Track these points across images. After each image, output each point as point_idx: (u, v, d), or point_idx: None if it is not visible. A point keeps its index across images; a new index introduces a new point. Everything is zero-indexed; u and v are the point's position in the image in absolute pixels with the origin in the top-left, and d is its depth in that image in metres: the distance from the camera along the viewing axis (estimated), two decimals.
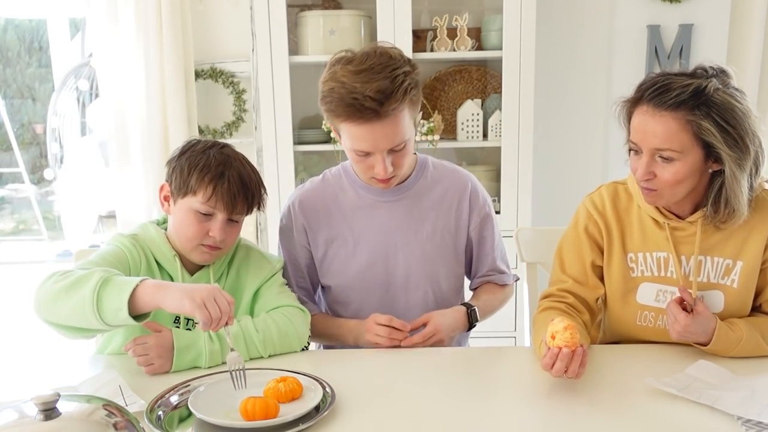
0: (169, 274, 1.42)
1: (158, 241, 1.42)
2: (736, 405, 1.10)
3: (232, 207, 1.36)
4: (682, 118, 1.22)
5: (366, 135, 1.36)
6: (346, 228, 1.56)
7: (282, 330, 1.39)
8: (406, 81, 1.34)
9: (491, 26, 2.61)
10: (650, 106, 1.25)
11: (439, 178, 1.59)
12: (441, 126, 2.62)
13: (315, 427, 1.08)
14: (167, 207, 1.42)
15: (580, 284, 1.44)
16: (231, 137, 2.87)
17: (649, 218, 1.40)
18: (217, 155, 1.37)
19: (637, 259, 1.40)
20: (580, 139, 2.93)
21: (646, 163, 1.27)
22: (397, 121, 1.36)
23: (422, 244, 1.55)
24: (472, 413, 1.14)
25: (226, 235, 1.38)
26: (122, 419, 0.87)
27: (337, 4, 2.75)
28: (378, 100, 1.31)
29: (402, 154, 1.42)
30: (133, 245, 1.39)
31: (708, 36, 2.74)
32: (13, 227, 3.28)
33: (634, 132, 1.29)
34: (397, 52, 1.39)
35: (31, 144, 3.18)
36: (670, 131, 1.23)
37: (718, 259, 1.36)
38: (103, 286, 1.18)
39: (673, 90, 1.23)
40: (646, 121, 1.26)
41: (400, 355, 1.42)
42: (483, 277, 1.65)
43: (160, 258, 1.42)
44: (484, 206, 1.61)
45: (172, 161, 1.41)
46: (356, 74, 1.33)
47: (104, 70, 2.74)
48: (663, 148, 1.25)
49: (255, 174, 1.42)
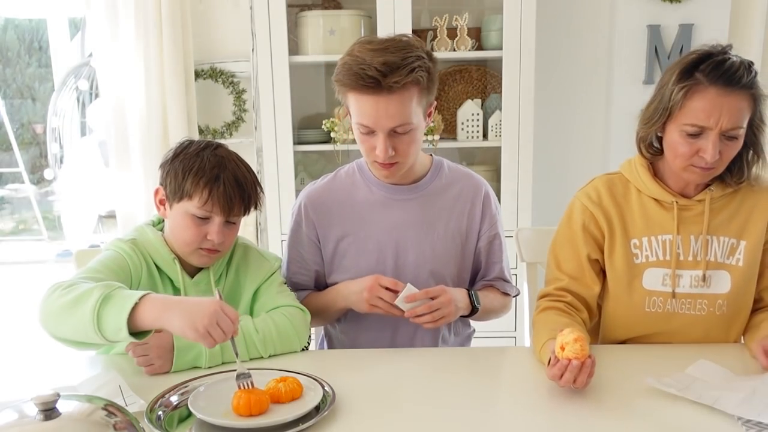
0: (169, 277, 1.42)
1: (156, 244, 1.41)
2: (737, 405, 1.10)
3: (229, 209, 1.36)
4: (748, 96, 1.27)
5: (369, 108, 1.36)
6: (357, 224, 1.55)
7: (282, 330, 1.39)
8: (416, 63, 1.35)
9: (491, 26, 2.61)
10: (720, 86, 1.26)
11: (453, 180, 1.59)
12: (441, 126, 2.62)
13: (315, 427, 1.08)
14: (163, 211, 1.41)
15: (576, 281, 1.44)
16: (231, 137, 2.87)
17: (651, 201, 1.41)
18: (210, 157, 1.36)
19: (641, 244, 1.41)
20: (580, 139, 2.94)
21: (715, 143, 1.27)
22: (401, 100, 1.35)
23: (433, 245, 1.54)
24: (473, 413, 1.14)
25: (225, 238, 1.38)
26: (122, 419, 0.87)
27: (337, 4, 2.75)
28: (382, 72, 1.32)
29: (406, 140, 1.41)
30: (132, 251, 1.38)
31: (708, 36, 2.72)
32: (13, 227, 3.28)
33: (700, 115, 1.27)
34: (419, 43, 1.41)
35: (31, 144, 3.18)
36: (742, 110, 1.27)
37: (724, 238, 1.38)
38: (103, 303, 1.15)
39: (735, 69, 1.26)
40: (720, 101, 1.26)
41: (400, 355, 1.42)
42: (487, 281, 1.63)
43: (160, 262, 1.41)
44: (496, 214, 1.61)
45: (165, 164, 1.40)
46: (371, 50, 1.35)
47: (104, 70, 2.74)
48: (735, 127, 1.27)
49: (250, 174, 1.41)
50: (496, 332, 1.95)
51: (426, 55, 1.39)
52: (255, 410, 1.10)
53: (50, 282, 1.25)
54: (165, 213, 1.41)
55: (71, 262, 1.64)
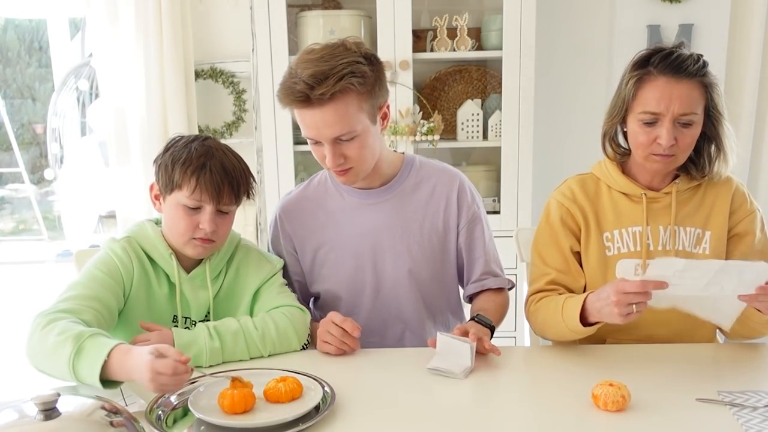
0: (165, 272, 1.42)
1: (154, 239, 1.41)
2: None
3: (218, 197, 1.36)
4: (699, 83, 1.35)
5: (308, 121, 1.38)
6: (332, 233, 1.55)
7: (281, 329, 1.39)
8: (347, 69, 1.33)
9: (491, 26, 2.61)
10: (667, 75, 1.35)
11: (426, 176, 1.56)
12: (441, 126, 2.62)
13: (315, 427, 1.08)
14: (158, 206, 1.42)
15: (563, 273, 1.48)
16: (231, 137, 2.87)
17: (621, 196, 1.48)
18: (198, 147, 1.37)
19: (613, 237, 1.47)
20: (580, 138, 2.93)
21: (669, 129, 1.35)
22: (336, 109, 1.35)
23: (408, 245, 1.53)
24: (473, 413, 1.14)
25: (217, 227, 1.38)
26: (122, 419, 0.87)
27: (337, 4, 2.75)
28: (309, 84, 1.32)
29: (354, 146, 1.40)
30: (124, 251, 1.38)
31: (708, 36, 2.74)
32: (13, 227, 3.28)
33: (652, 102, 1.36)
34: (357, 46, 1.39)
35: (31, 144, 3.18)
36: (693, 97, 1.35)
37: (690, 228, 1.46)
38: (76, 357, 1.16)
39: (685, 59, 1.35)
40: (670, 89, 1.34)
41: (400, 355, 1.42)
42: (477, 282, 1.59)
43: (156, 257, 1.41)
44: (473, 204, 1.58)
45: (157, 159, 1.41)
46: (304, 62, 1.35)
47: (104, 70, 2.74)
48: (687, 113, 1.34)
49: (240, 162, 1.42)
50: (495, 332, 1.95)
51: (364, 58, 1.37)
52: (239, 408, 1.10)
53: (48, 283, 1.26)
54: (160, 207, 1.42)
55: (71, 262, 1.64)
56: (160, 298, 1.42)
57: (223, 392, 1.12)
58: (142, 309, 1.40)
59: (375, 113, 1.42)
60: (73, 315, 1.25)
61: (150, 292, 1.41)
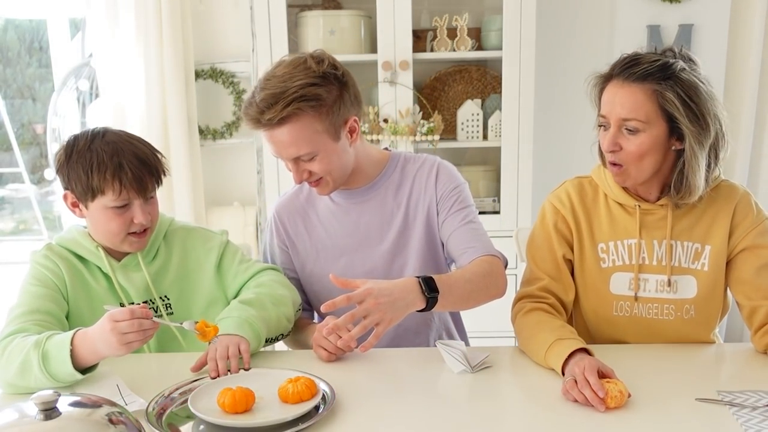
0: (97, 265, 1.43)
1: (79, 238, 1.42)
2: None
3: (144, 189, 1.36)
4: (648, 89, 1.28)
5: (268, 141, 1.41)
6: (323, 232, 1.57)
7: (273, 292, 1.44)
8: (298, 93, 1.32)
9: (491, 26, 2.61)
10: (619, 79, 1.31)
11: (408, 171, 1.56)
12: (441, 126, 2.62)
13: (315, 427, 1.08)
14: (79, 212, 1.41)
15: (555, 281, 1.45)
16: (231, 137, 2.88)
17: (617, 206, 1.43)
18: (104, 147, 1.34)
19: (608, 248, 1.43)
20: (579, 139, 2.93)
21: (612, 134, 1.31)
22: (291, 131, 1.35)
23: (394, 240, 1.53)
24: (473, 413, 1.14)
25: (150, 214, 1.39)
26: (122, 419, 0.87)
27: (337, 4, 2.75)
28: (260, 108, 1.34)
29: (315, 165, 1.40)
30: (46, 258, 1.40)
31: (708, 36, 2.74)
32: (13, 227, 3.28)
33: (603, 105, 1.34)
34: (319, 64, 1.36)
35: (31, 144, 3.18)
36: (637, 101, 1.28)
37: (688, 243, 1.39)
38: (45, 363, 1.19)
39: (641, 64, 1.29)
40: (615, 92, 1.31)
41: (400, 355, 1.42)
42: (460, 256, 1.47)
43: (84, 253, 1.42)
44: (448, 183, 1.51)
45: (62, 168, 1.37)
46: (266, 80, 1.36)
47: (104, 70, 2.74)
48: (629, 118, 1.29)
49: (146, 146, 1.40)
50: (496, 332, 1.95)
51: (322, 78, 1.35)
52: (239, 407, 1.10)
53: None
54: (82, 214, 1.41)
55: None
56: (99, 292, 1.42)
57: (223, 392, 1.12)
58: (86, 307, 1.41)
59: (338, 131, 1.40)
60: (21, 333, 1.27)
61: (88, 289, 1.42)
